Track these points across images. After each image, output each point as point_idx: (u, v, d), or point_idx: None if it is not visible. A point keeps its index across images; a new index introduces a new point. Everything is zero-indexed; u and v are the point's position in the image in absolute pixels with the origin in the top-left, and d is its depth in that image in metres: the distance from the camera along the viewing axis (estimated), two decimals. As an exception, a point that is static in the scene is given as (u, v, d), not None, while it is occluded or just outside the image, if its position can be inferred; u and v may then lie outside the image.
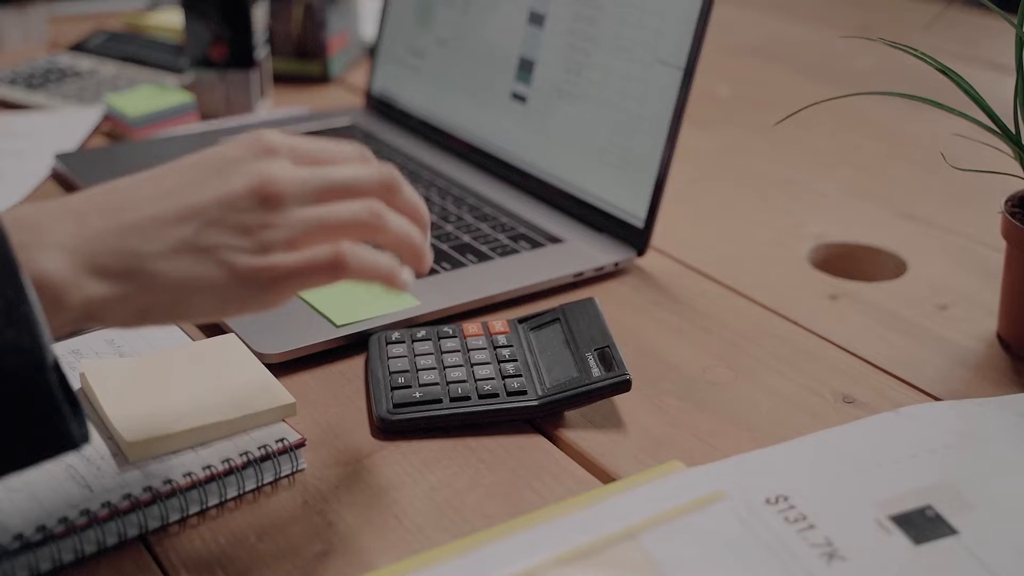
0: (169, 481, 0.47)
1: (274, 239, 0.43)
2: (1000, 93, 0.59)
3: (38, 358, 0.38)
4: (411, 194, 0.48)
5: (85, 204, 0.42)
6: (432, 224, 0.74)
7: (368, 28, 1.17)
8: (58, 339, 0.41)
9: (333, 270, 0.44)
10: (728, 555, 0.44)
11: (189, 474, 0.47)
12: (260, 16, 0.96)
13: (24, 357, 0.37)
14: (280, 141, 0.45)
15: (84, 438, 0.40)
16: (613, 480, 0.51)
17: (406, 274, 0.47)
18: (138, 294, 0.41)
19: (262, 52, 0.97)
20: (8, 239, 0.38)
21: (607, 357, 0.56)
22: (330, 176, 0.45)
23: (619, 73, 0.72)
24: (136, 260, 0.41)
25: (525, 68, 0.80)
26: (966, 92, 0.58)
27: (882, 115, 1.04)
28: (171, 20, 1.21)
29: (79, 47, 1.11)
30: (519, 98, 0.81)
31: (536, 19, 0.79)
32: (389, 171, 0.47)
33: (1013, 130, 0.58)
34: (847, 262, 0.76)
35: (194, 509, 0.48)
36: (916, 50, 0.58)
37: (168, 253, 0.42)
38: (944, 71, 0.58)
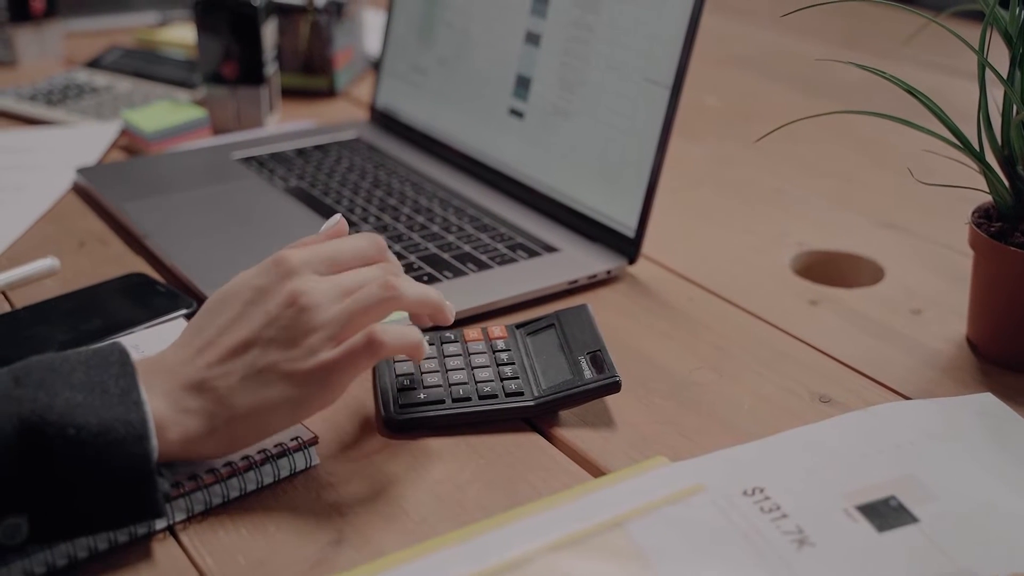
0: (194, 477, 0.51)
1: (317, 340, 0.50)
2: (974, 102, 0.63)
3: (142, 431, 0.46)
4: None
5: (171, 359, 0.51)
6: (434, 234, 0.78)
7: (372, 43, 1.21)
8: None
9: (372, 352, 0.51)
10: (707, 542, 0.48)
11: (212, 470, 0.52)
12: (270, 34, 1.00)
13: (131, 429, 0.45)
14: (296, 259, 0.53)
15: (165, 512, 0.48)
16: (602, 473, 0.55)
17: (425, 340, 0.54)
18: (225, 426, 0.50)
19: (271, 68, 1.01)
20: (130, 355, 0.48)
21: (598, 360, 0.60)
22: (345, 280, 0.53)
23: (611, 91, 0.77)
24: (215, 394, 0.49)
25: (522, 85, 0.85)
26: (933, 112, 0.61)
27: (866, 127, 1.08)
28: (181, 35, 1.25)
29: (95, 63, 1.15)
30: (517, 114, 0.85)
31: (532, 39, 0.84)
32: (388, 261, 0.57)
33: (977, 147, 0.62)
34: (828, 269, 0.80)
35: (217, 502, 0.52)
36: (884, 72, 0.62)
37: (238, 383, 0.50)
38: (911, 92, 0.62)
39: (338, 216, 0.58)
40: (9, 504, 0.43)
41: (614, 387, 0.58)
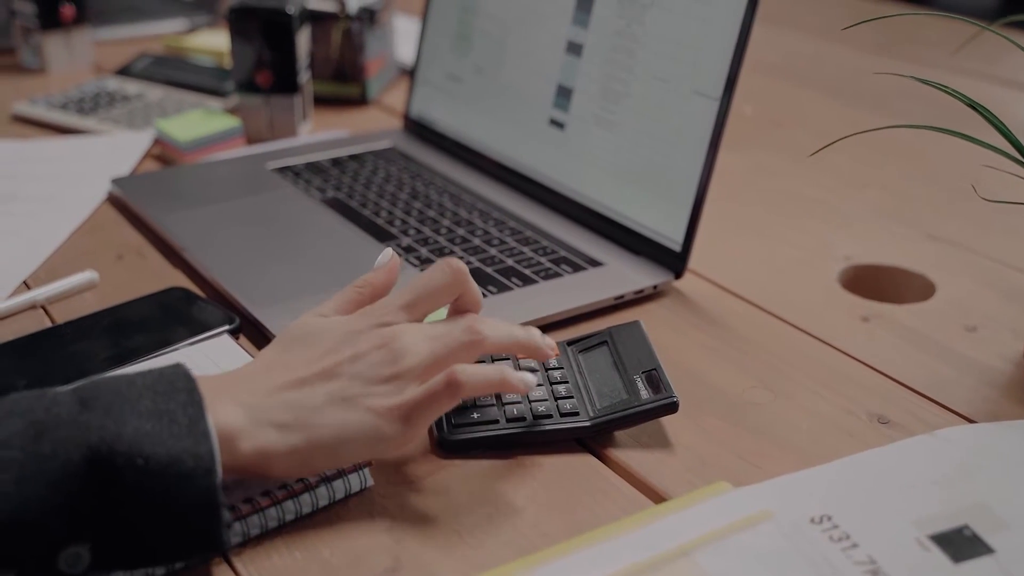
0: (249, 500, 0.50)
1: (402, 382, 0.51)
2: (1020, 112, 0.62)
3: (209, 464, 0.45)
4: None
5: (251, 372, 0.52)
6: (476, 248, 0.77)
7: (404, 50, 1.20)
8: (225, 484, 0.47)
9: (452, 392, 0.51)
10: (778, 571, 0.47)
11: (268, 493, 0.51)
12: (304, 42, 0.99)
13: (199, 462, 0.44)
14: (388, 306, 0.54)
15: (229, 545, 0.47)
16: (662, 498, 0.54)
17: (522, 374, 0.54)
18: (303, 445, 0.49)
19: (305, 77, 1.00)
20: (196, 381, 0.47)
21: (655, 380, 0.59)
22: (435, 328, 0.54)
23: (657, 103, 0.75)
24: (300, 412, 0.49)
25: (563, 95, 0.83)
26: (997, 129, 0.60)
27: (907, 136, 1.06)
28: (209, 42, 1.24)
29: (125, 71, 1.14)
30: (557, 124, 0.84)
31: (574, 49, 0.82)
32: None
33: (1041, 162, 0.61)
34: (877, 283, 0.79)
35: (273, 525, 0.51)
36: (947, 87, 0.61)
37: (323, 405, 0.50)
38: (974, 106, 0.60)
39: (389, 252, 0.58)
40: (73, 533, 0.43)
41: (672, 408, 0.57)
